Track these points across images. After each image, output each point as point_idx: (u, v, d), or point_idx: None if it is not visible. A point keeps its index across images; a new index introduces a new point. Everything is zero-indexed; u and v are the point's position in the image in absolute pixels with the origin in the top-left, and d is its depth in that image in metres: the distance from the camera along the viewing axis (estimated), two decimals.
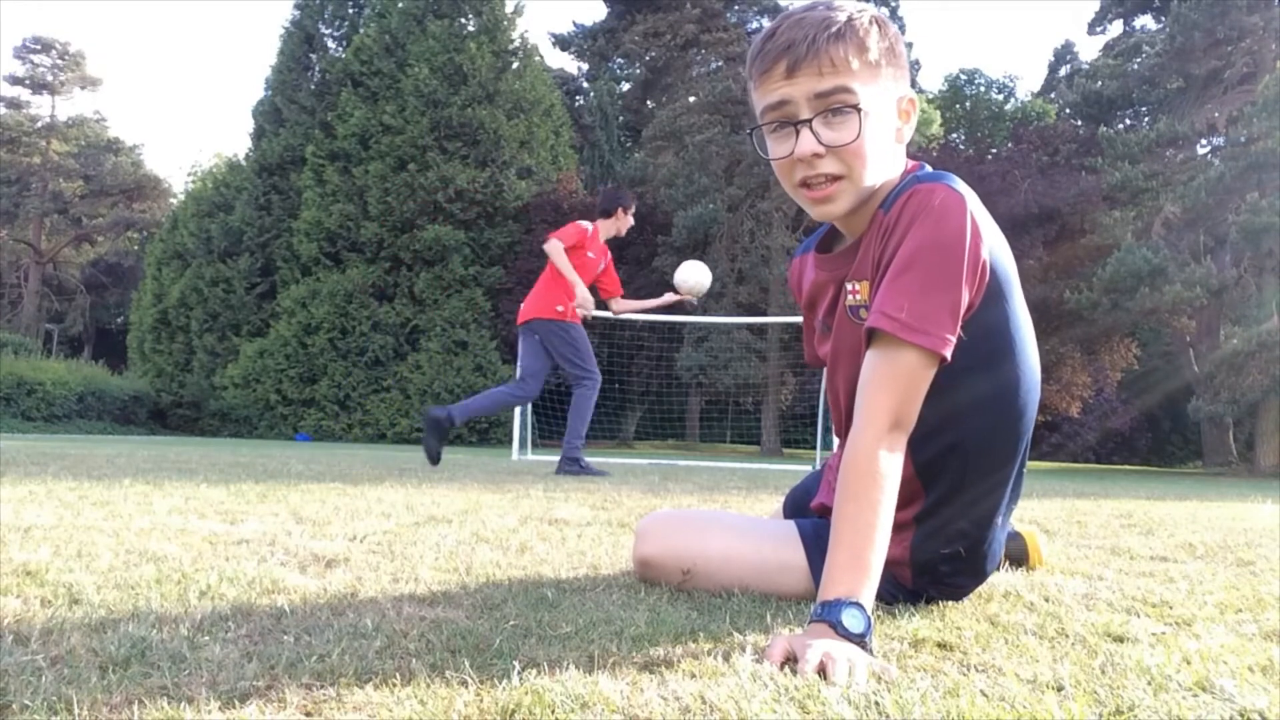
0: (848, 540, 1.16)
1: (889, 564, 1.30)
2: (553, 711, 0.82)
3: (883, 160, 1.31)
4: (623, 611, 1.31)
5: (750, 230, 23.25)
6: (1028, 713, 0.85)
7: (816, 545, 1.48)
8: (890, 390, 1.22)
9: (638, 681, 0.93)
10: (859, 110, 1.25)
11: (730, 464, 10.95)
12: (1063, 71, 36.12)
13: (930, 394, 1.26)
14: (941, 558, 1.41)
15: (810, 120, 1.26)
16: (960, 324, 1.25)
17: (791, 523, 1.56)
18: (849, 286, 1.39)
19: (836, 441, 1.64)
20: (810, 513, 1.67)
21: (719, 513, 1.79)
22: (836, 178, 1.28)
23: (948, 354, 1.23)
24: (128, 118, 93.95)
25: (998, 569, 1.81)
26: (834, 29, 1.25)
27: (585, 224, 6.02)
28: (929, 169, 1.38)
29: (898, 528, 1.34)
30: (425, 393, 21.90)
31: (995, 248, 1.32)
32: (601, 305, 6.37)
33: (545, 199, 24.04)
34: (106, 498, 2.89)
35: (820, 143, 1.26)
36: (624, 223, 6.13)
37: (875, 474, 1.19)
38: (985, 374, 1.35)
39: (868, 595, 1.12)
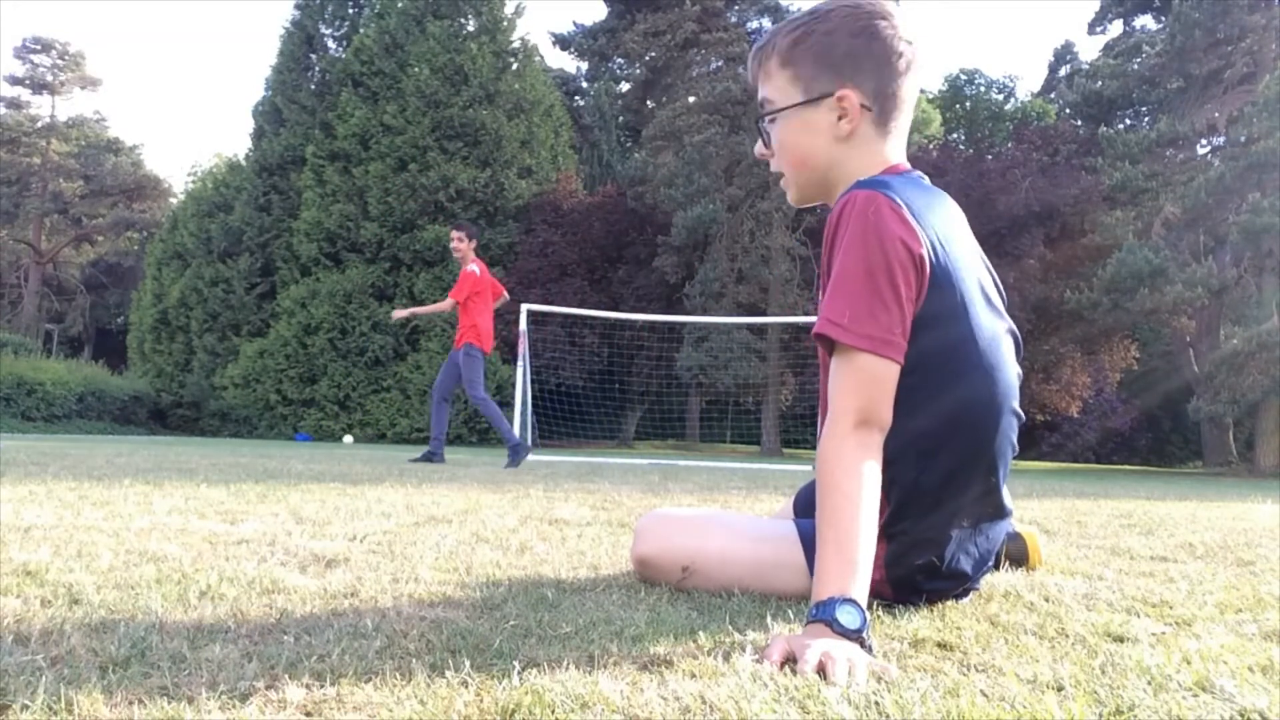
0: (831, 537, 1.17)
1: (873, 583, 1.29)
2: (553, 711, 0.82)
3: (814, 160, 1.43)
4: (623, 611, 1.31)
5: (750, 230, 23.24)
6: (1028, 713, 0.85)
7: (814, 544, 1.48)
8: (850, 390, 1.24)
9: (638, 681, 0.93)
10: (773, 119, 1.43)
11: (730, 464, 10.95)
12: (1063, 71, 36.12)
13: None
14: (916, 569, 1.39)
15: (758, 125, 1.46)
16: (909, 321, 1.26)
17: (790, 522, 1.57)
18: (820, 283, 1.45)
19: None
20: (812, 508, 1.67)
21: (717, 512, 1.79)
22: (783, 175, 1.47)
23: (894, 354, 1.24)
24: (128, 118, 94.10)
25: (995, 569, 1.81)
26: (763, 43, 1.42)
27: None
28: (906, 172, 1.39)
29: None
30: (425, 393, 21.91)
31: (938, 243, 1.30)
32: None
33: (545, 199, 24.05)
34: (106, 498, 2.89)
35: (764, 145, 1.47)
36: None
37: (845, 469, 1.20)
38: (928, 373, 1.32)
39: (859, 590, 1.13)
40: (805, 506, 1.81)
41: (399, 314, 7.52)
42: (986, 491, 1.41)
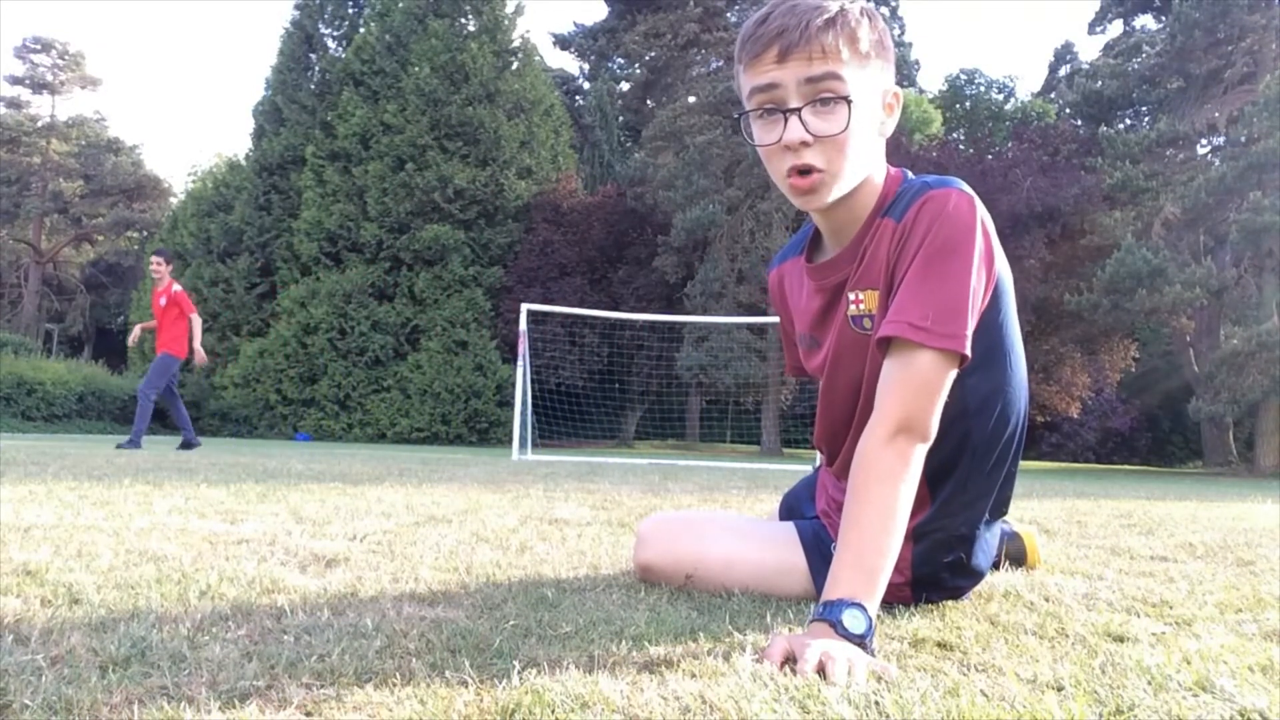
0: (853, 541, 1.16)
1: (891, 587, 1.31)
2: (553, 711, 0.82)
3: (864, 153, 1.31)
4: (623, 611, 1.31)
5: (750, 230, 23.25)
6: (1028, 713, 0.85)
7: (815, 548, 1.48)
8: (902, 393, 1.22)
9: (638, 681, 0.93)
10: (848, 101, 1.24)
11: (730, 464, 10.95)
12: (1063, 71, 36.10)
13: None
14: (943, 566, 1.41)
15: (800, 109, 1.25)
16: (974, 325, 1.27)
17: (791, 525, 1.57)
18: (851, 296, 1.38)
19: (819, 456, 1.64)
20: (803, 517, 1.67)
21: (719, 515, 1.79)
22: (819, 170, 1.27)
23: (969, 352, 1.23)
24: (128, 118, 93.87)
25: (996, 568, 1.82)
26: (827, 16, 1.24)
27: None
28: (910, 175, 1.39)
29: None
30: (425, 392, 21.92)
31: (997, 250, 1.34)
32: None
33: (545, 199, 24.06)
34: (106, 498, 2.89)
35: (808, 131, 1.25)
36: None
37: (879, 476, 1.19)
38: (985, 373, 1.36)
39: (871, 598, 1.12)
40: (789, 511, 1.80)
41: (134, 338, 8.50)
42: (1009, 480, 1.46)
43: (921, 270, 1.25)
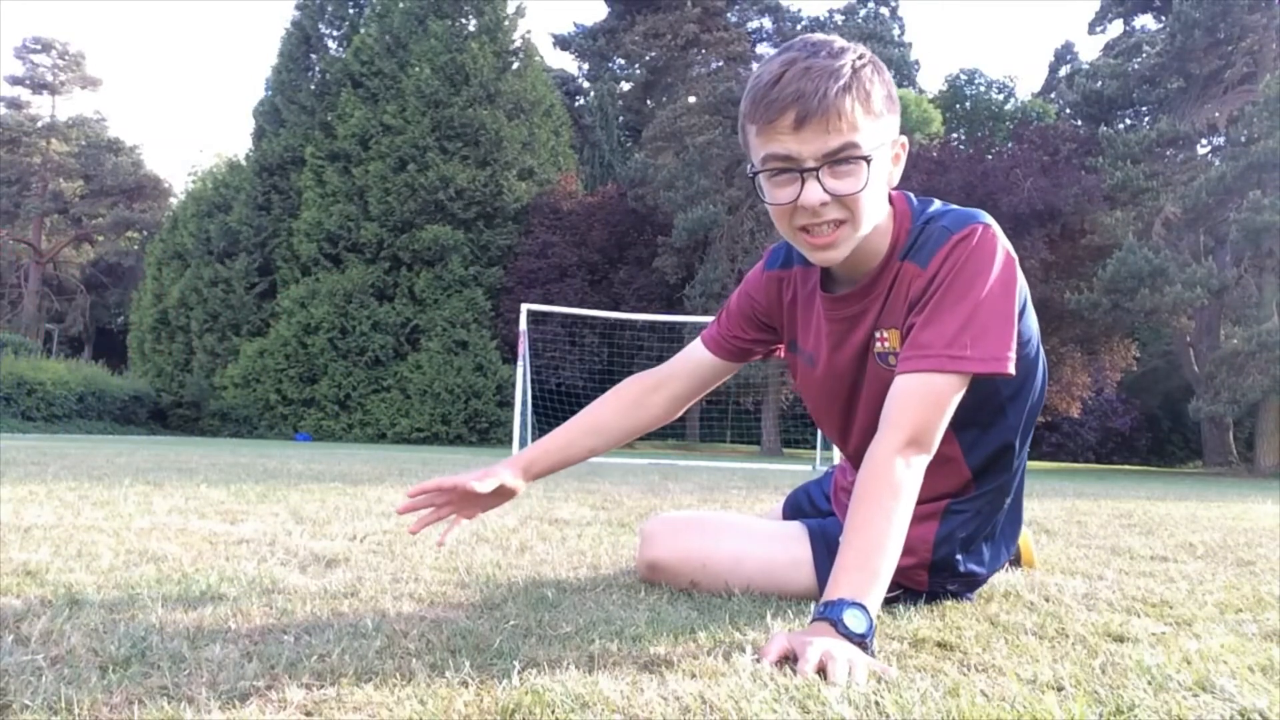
0: (857, 544, 1.17)
1: (907, 569, 1.37)
2: (553, 711, 0.82)
3: (878, 203, 1.32)
4: (623, 611, 1.31)
5: (750, 231, 23.25)
6: (1028, 713, 0.85)
7: (823, 542, 1.49)
8: (918, 409, 1.26)
9: (638, 681, 0.93)
10: (866, 160, 1.24)
11: (730, 464, 10.95)
12: (1063, 71, 36.12)
13: (978, 404, 1.34)
14: (960, 542, 1.45)
15: (816, 170, 1.23)
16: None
17: (799, 522, 1.58)
18: (877, 335, 1.41)
19: (837, 453, 1.67)
20: (809, 514, 1.68)
21: (724, 514, 1.79)
22: (840, 223, 1.27)
23: (1013, 370, 1.29)
24: (128, 118, 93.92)
25: (1002, 567, 1.82)
26: (843, 82, 1.21)
27: None
28: (913, 200, 1.42)
29: (923, 519, 1.39)
30: (425, 392, 21.92)
31: (1019, 271, 1.40)
32: None
33: (545, 199, 24.06)
34: (106, 498, 2.89)
35: (825, 191, 1.24)
36: None
37: (888, 484, 1.21)
38: (1018, 384, 1.43)
39: (873, 599, 1.13)
40: (793, 510, 1.81)
41: None
42: (1021, 476, 1.54)
43: (954, 303, 1.29)
